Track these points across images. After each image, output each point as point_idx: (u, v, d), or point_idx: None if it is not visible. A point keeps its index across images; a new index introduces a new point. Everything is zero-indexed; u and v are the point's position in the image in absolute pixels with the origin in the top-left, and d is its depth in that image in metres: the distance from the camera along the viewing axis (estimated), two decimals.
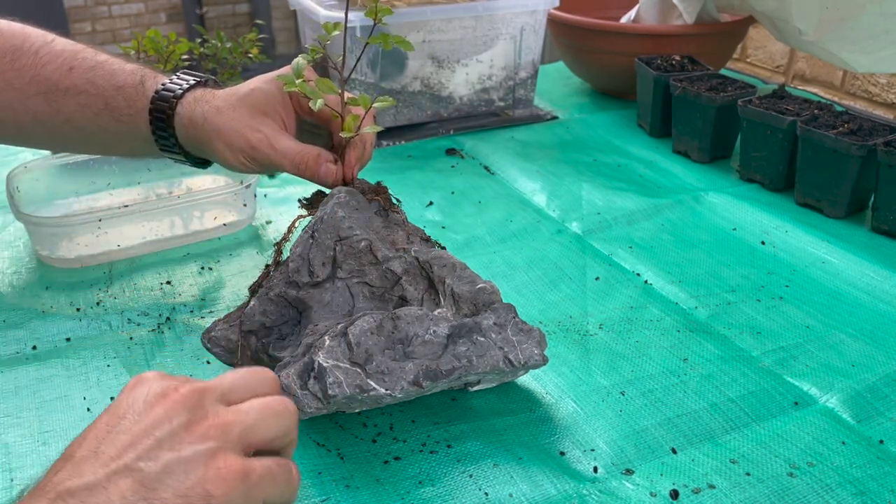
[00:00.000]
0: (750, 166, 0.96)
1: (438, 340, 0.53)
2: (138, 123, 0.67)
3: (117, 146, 0.72)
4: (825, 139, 0.85)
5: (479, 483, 0.52)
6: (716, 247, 0.82)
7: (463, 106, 1.14)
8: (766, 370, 0.63)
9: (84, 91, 0.67)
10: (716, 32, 1.20)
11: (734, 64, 1.60)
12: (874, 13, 0.98)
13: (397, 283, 0.59)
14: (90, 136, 0.70)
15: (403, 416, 0.58)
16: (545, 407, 0.59)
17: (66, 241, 0.78)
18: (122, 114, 0.67)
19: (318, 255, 0.58)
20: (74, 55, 0.69)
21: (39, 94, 0.67)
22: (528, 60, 1.14)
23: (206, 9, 3.90)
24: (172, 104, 0.66)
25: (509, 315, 0.57)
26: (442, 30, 1.06)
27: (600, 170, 1.01)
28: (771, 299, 0.73)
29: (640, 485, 0.52)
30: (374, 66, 1.05)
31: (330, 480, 0.52)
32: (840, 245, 0.81)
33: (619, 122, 1.17)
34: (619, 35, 1.19)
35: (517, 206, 0.92)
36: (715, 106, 0.97)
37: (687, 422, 0.58)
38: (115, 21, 3.81)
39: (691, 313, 0.71)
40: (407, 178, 0.99)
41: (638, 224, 0.87)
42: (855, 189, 0.86)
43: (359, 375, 0.51)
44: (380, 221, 0.63)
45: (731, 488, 0.52)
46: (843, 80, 1.44)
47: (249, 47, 1.05)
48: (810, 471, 0.53)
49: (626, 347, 0.66)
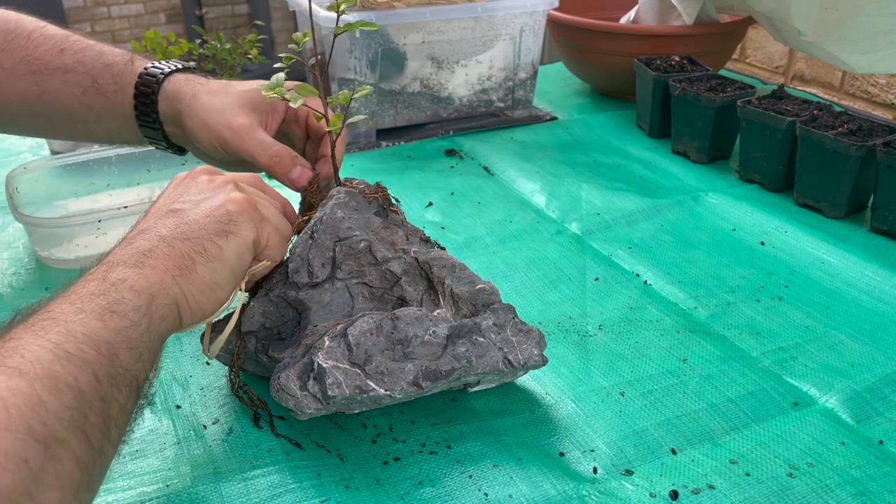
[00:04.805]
0: (749, 167, 0.96)
1: (438, 341, 0.53)
2: (122, 100, 0.69)
3: (98, 126, 0.73)
4: (824, 140, 0.85)
5: (479, 484, 0.52)
6: (715, 247, 0.82)
7: (462, 107, 1.14)
8: (765, 370, 0.63)
9: (72, 70, 0.69)
10: (715, 33, 1.20)
11: (733, 64, 1.60)
12: (873, 14, 0.99)
13: (397, 283, 0.59)
14: (74, 116, 0.71)
15: (403, 416, 0.58)
16: (545, 408, 0.59)
17: (66, 242, 0.78)
18: (107, 90, 0.69)
19: (318, 255, 0.58)
20: (66, 38, 0.70)
21: (28, 73, 0.69)
22: (528, 61, 1.14)
23: (206, 10, 3.90)
24: (159, 79, 0.68)
25: (509, 316, 0.57)
26: (441, 30, 1.06)
27: (600, 170, 1.01)
28: (770, 300, 0.73)
29: (639, 485, 0.52)
30: (373, 67, 1.05)
31: (329, 481, 0.52)
32: (839, 245, 0.81)
33: (618, 123, 1.17)
34: (619, 36, 1.19)
35: (516, 206, 0.92)
36: (714, 106, 0.97)
37: (686, 422, 0.58)
38: (115, 22, 3.80)
39: (691, 314, 0.71)
40: (406, 178, 0.99)
41: (637, 224, 0.87)
42: (854, 189, 0.86)
43: (358, 376, 0.51)
44: (379, 222, 0.63)
45: (730, 489, 0.52)
46: (843, 80, 1.44)
47: (249, 48, 1.05)
48: (810, 471, 0.53)
49: (626, 348, 0.66)
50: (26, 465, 0.33)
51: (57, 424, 0.35)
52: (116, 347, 0.41)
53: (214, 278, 0.49)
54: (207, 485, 0.52)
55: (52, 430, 0.35)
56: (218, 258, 0.49)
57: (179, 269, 0.47)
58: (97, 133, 0.75)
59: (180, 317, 0.48)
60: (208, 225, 0.50)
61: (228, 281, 0.50)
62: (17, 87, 0.69)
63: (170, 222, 0.50)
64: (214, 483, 0.52)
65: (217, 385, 0.62)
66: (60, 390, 0.36)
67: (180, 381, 0.62)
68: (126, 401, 0.41)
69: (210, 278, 0.49)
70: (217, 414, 0.59)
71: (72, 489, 0.35)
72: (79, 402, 0.37)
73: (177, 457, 0.55)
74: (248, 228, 0.51)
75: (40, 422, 0.34)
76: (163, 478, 0.53)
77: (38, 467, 0.33)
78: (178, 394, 0.61)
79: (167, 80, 0.68)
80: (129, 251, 0.47)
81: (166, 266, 0.46)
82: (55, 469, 0.34)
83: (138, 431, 0.57)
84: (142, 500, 0.51)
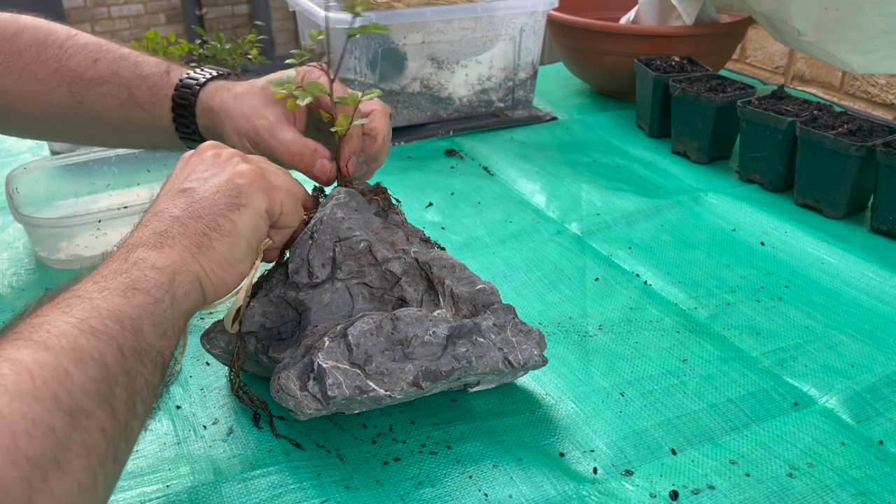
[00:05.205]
0: (749, 167, 0.96)
1: (438, 341, 0.53)
2: (161, 112, 0.69)
3: (137, 137, 0.73)
4: (824, 140, 0.85)
5: (479, 484, 0.52)
6: (715, 247, 0.82)
7: (462, 107, 1.14)
8: (765, 371, 0.63)
9: (108, 81, 0.69)
10: (715, 33, 1.20)
11: (733, 65, 1.60)
12: (872, 14, 0.99)
13: (397, 283, 0.59)
14: (112, 127, 0.71)
15: (403, 417, 0.58)
16: (545, 408, 0.59)
17: (66, 243, 0.78)
18: (145, 102, 0.69)
19: (318, 255, 0.58)
20: (99, 47, 0.70)
21: (63, 85, 0.68)
22: (528, 61, 1.14)
23: (206, 10, 3.90)
24: (195, 90, 0.68)
25: (509, 316, 0.57)
26: (441, 31, 1.06)
27: (600, 170, 1.01)
28: (770, 300, 0.73)
29: (639, 486, 0.52)
30: (373, 68, 1.05)
31: (329, 481, 0.52)
32: (839, 245, 0.81)
33: (618, 123, 1.17)
34: (619, 36, 1.19)
35: (516, 206, 0.92)
36: (714, 107, 0.97)
37: (686, 423, 0.58)
38: (115, 22, 3.80)
39: (691, 314, 0.71)
40: (406, 178, 0.99)
41: (637, 225, 0.87)
42: (854, 190, 0.86)
43: (358, 376, 0.51)
44: (379, 222, 0.63)
45: (730, 489, 0.52)
46: (843, 80, 1.44)
47: (249, 48, 1.05)
48: (810, 471, 0.53)
49: (626, 348, 0.66)
50: (53, 433, 0.34)
51: (83, 396, 0.36)
52: (140, 323, 0.41)
53: (233, 253, 0.50)
54: (207, 485, 0.52)
55: (77, 401, 0.35)
56: (233, 233, 0.50)
57: (197, 246, 0.48)
58: (137, 142, 0.75)
59: (203, 293, 0.48)
60: (219, 201, 0.50)
61: (247, 253, 0.51)
62: (53, 98, 0.69)
63: (181, 202, 0.50)
64: (214, 483, 0.52)
65: (217, 385, 0.62)
66: (86, 363, 0.37)
67: (180, 381, 0.62)
68: (151, 376, 0.42)
69: (228, 253, 0.49)
70: (217, 414, 0.59)
71: (98, 459, 0.36)
72: (104, 375, 0.38)
73: (177, 457, 0.55)
74: (259, 199, 0.52)
75: (66, 392, 0.35)
76: (163, 478, 0.53)
77: (64, 436, 0.34)
78: (178, 394, 0.61)
79: (202, 92, 0.68)
80: (146, 233, 0.48)
81: (184, 245, 0.47)
82: (81, 438, 0.35)
83: None
84: (142, 501, 0.51)
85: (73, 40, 0.70)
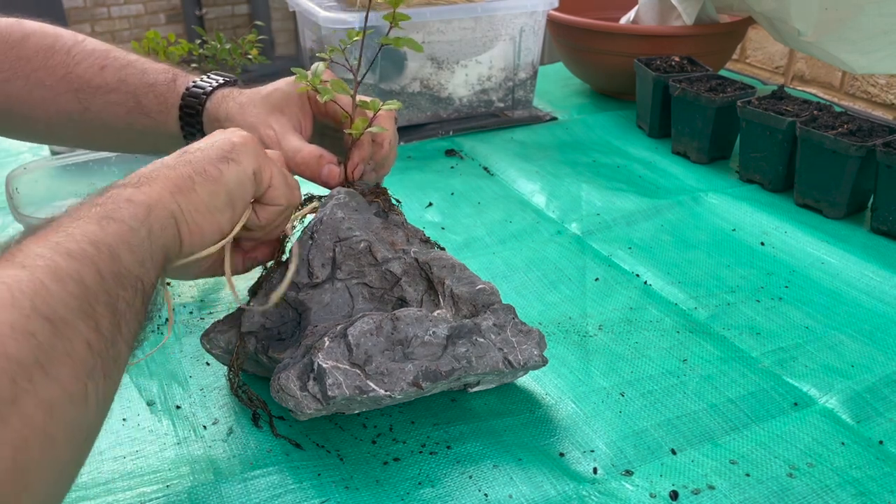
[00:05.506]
0: (749, 167, 0.96)
1: (438, 341, 0.53)
2: (168, 120, 0.69)
3: (143, 143, 0.73)
4: (824, 140, 0.85)
5: (479, 484, 0.52)
6: (715, 247, 0.82)
7: (462, 107, 1.14)
8: (765, 371, 0.63)
9: (115, 89, 0.69)
10: (715, 33, 1.20)
11: (733, 65, 1.60)
12: (872, 14, 0.99)
13: (397, 284, 0.59)
14: (119, 134, 0.71)
15: (403, 417, 0.58)
16: (545, 408, 0.59)
17: None
18: (152, 110, 0.69)
19: (318, 256, 0.58)
20: (106, 54, 0.70)
21: (70, 91, 0.68)
22: (528, 61, 1.14)
23: (206, 10, 3.90)
24: (202, 100, 0.68)
25: (509, 316, 0.57)
26: (441, 31, 1.06)
27: (599, 170, 1.01)
28: (770, 300, 0.73)
29: (639, 486, 0.52)
30: (373, 68, 1.05)
31: (329, 482, 0.52)
32: (839, 246, 0.81)
33: (618, 123, 1.17)
34: (619, 36, 1.19)
35: (516, 206, 0.92)
36: (714, 107, 0.97)
37: (686, 423, 0.58)
38: (115, 22, 3.80)
39: (691, 314, 0.71)
40: (406, 178, 0.99)
41: (637, 225, 0.87)
42: (854, 190, 0.86)
43: (358, 377, 0.51)
44: (379, 222, 0.63)
45: (730, 489, 0.52)
46: (843, 80, 1.44)
47: (249, 48, 1.05)
48: (810, 471, 0.53)
49: (626, 348, 0.66)
50: (34, 337, 0.34)
51: (63, 308, 0.36)
52: (117, 249, 0.41)
53: (213, 201, 0.50)
54: (207, 485, 0.52)
55: (57, 311, 0.35)
56: (217, 180, 0.50)
57: (178, 187, 0.48)
58: (143, 148, 0.75)
59: (179, 235, 0.48)
60: (211, 152, 0.51)
61: (226, 206, 0.51)
62: (61, 104, 0.69)
63: (175, 154, 0.51)
64: (214, 483, 0.52)
65: (217, 385, 0.62)
66: (64, 280, 0.37)
67: (180, 381, 0.62)
68: (132, 300, 0.41)
69: (208, 200, 0.49)
70: (217, 414, 0.59)
71: (84, 369, 0.36)
72: (83, 292, 0.37)
73: (177, 457, 0.55)
74: (249, 159, 0.52)
75: (45, 303, 0.35)
76: (163, 478, 0.53)
77: (46, 342, 0.34)
78: (178, 394, 0.61)
79: (209, 101, 0.68)
80: (131, 177, 0.48)
81: (165, 185, 0.48)
82: (64, 347, 0.35)
83: (138, 432, 0.57)
84: (142, 500, 0.51)
85: (79, 46, 0.70)
